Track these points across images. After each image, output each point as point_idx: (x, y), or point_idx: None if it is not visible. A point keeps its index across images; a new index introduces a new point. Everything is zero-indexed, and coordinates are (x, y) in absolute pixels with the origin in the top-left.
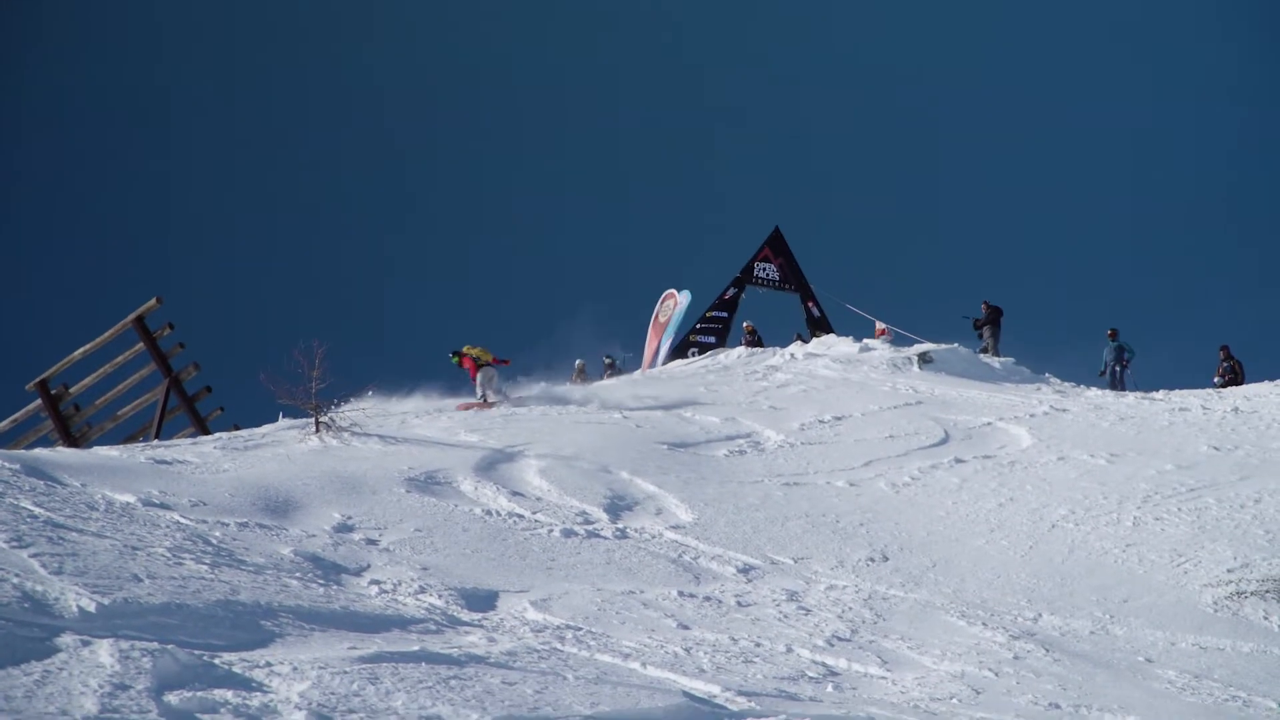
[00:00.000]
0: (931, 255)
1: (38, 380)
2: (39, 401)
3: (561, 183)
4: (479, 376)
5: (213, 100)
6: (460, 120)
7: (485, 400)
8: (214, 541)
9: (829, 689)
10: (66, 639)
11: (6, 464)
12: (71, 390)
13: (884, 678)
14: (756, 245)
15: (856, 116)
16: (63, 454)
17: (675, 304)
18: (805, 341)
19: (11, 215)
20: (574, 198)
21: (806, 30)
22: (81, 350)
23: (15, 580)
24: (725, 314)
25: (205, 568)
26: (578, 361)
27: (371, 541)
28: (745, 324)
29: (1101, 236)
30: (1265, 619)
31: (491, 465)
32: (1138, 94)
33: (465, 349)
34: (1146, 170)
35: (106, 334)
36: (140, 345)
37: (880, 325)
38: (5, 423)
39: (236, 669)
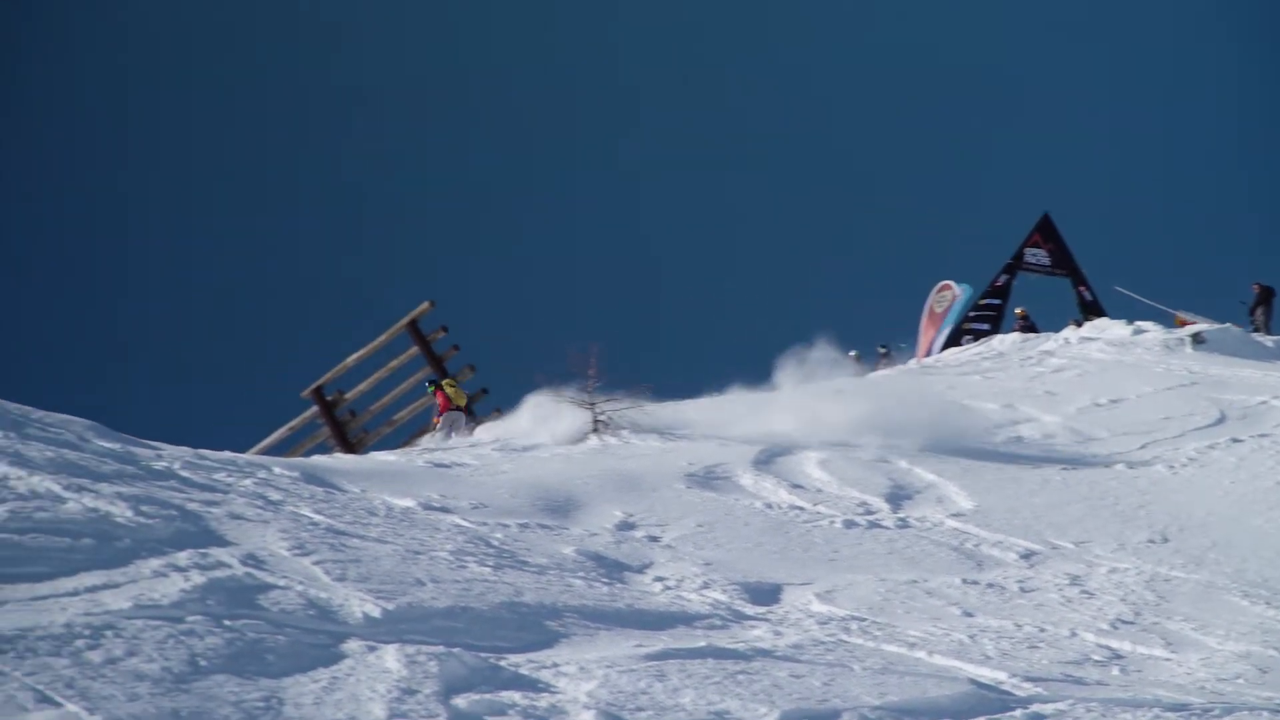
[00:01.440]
0: (1194, 238)
1: (313, 387)
2: (315, 409)
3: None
4: (446, 417)
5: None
6: None
7: (446, 435)
8: (496, 543)
9: (1114, 672)
10: (352, 645)
11: (285, 472)
12: (347, 396)
13: (1169, 659)
14: (1022, 234)
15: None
16: (341, 460)
17: (953, 296)
18: (1079, 326)
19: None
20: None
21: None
22: (355, 356)
23: (299, 588)
24: (998, 301)
25: (488, 570)
26: (852, 352)
27: (654, 538)
28: (1018, 310)
29: None
30: None
31: (770, 458)
32: None
33: (445, 384)
34: None
35: (380, 339)
36: (414, 349)
37: (1182, 315)
38: (282, 430)
39: (523, 670)
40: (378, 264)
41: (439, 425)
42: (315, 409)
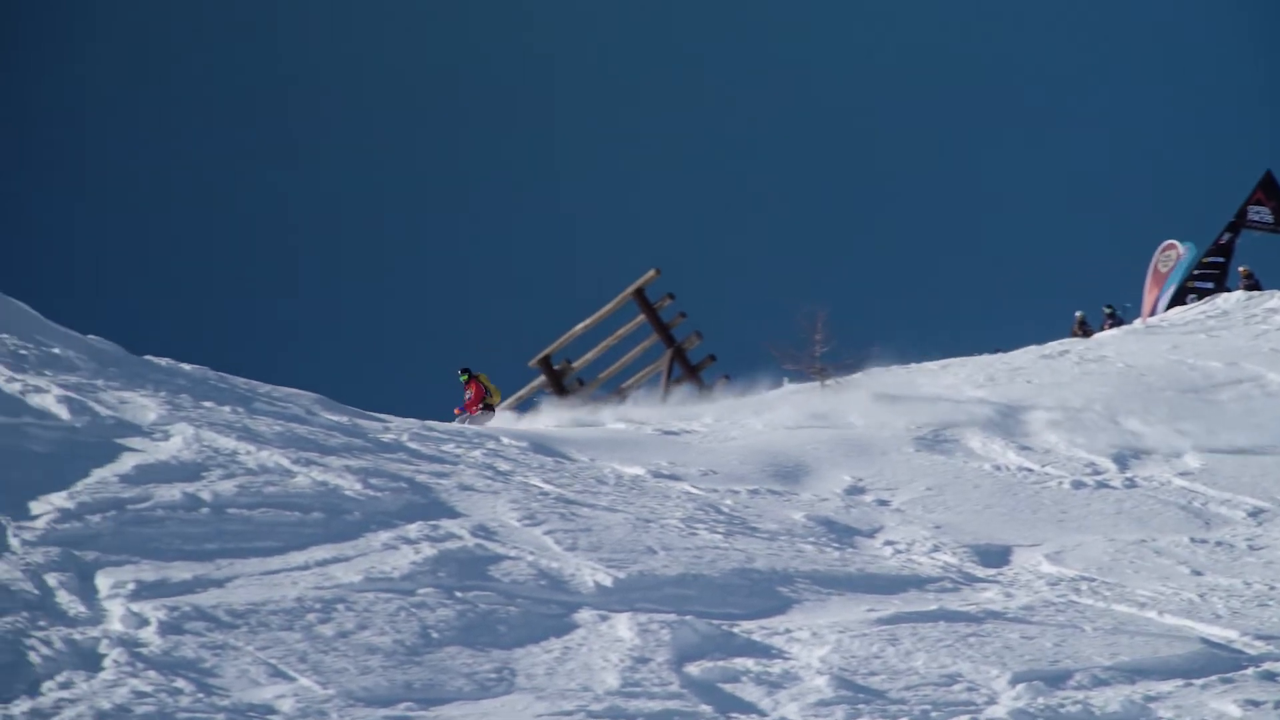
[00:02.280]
0: None
1: (540, 356)
2: (542, 378)
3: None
4: (479, 411)
5: None
6: None
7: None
8: (726, 510)
9: None
10: (584, 614)
11: (515, 442)
12: (574, 365)
13: None
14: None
15: None
16: (569, 430)
17: (1177, 255)
18: None
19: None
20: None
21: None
22: (582, 324)
23: (530, 558)
24: (1221, 259)
25: (719, 537)
26: (1077, 314)
27: (883, 502)
28: (1241, 269)
29: None
30: None
31: (999, 420)
32: None
33: (481, 376)
34: None
35: (607, 307)
36: (641, 317)
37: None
38: (510, 400)
39: (755, 637)
40: (602, 231)
41: (473, 411)
42: (543, 378)
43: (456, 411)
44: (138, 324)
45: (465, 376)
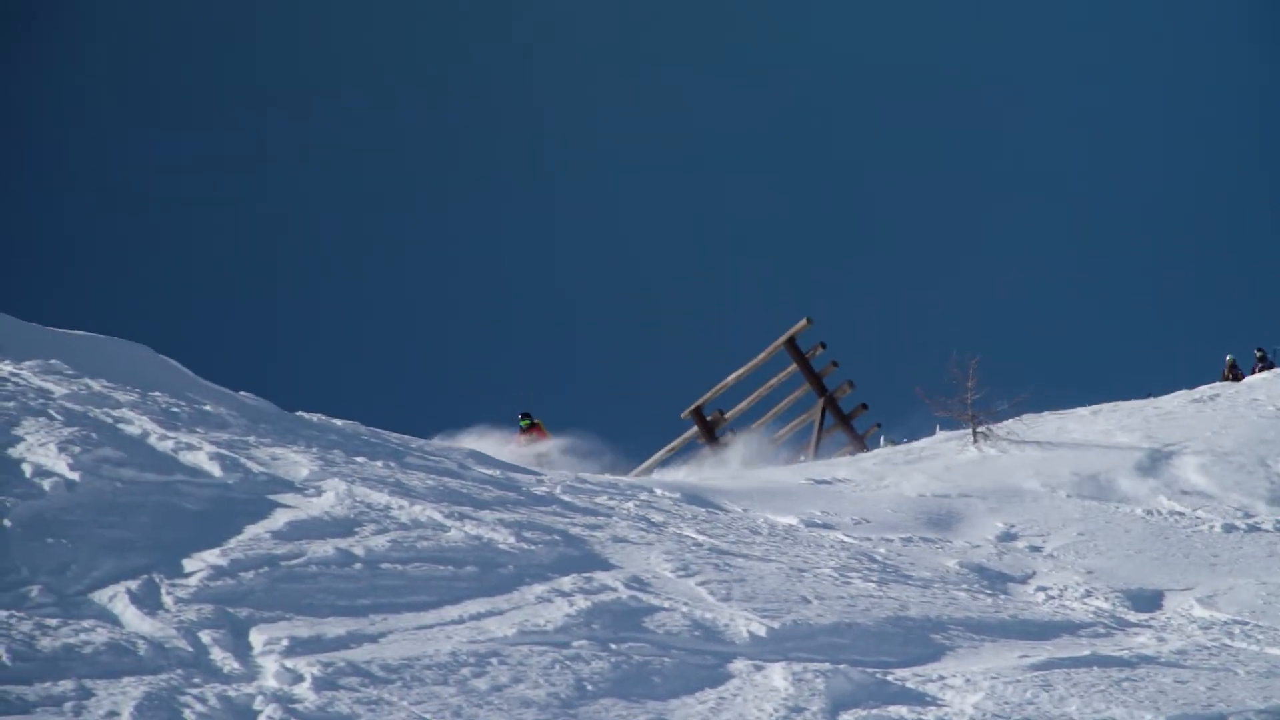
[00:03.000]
0: None
1: (692, 407)
2: (695, 429)
3: None
4: (531, 450)
5: None
6: None
7: (531, 453)
8: (879, 558)
9: None
10: (739, 665)
11: (668, 493)
12: (727, 415)
13: None
14: None
15: None
16: (722, 480)
17: None
18: None
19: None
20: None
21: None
22: (734, 375)
23: (685, 609)
24: None
25: (873, 585)
26: (1228, 357)
27: (1035, 548)
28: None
29: None
30: None
31: (1150, 465)
32: None
33: (540, 423)
34: None
35: (759, 357)
36: (793, 366)
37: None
38: (663, 451)
39: (909, 684)
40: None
41: (527, 448)
42: (695, 429)
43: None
44: (120, 324)
45: (525, 423)
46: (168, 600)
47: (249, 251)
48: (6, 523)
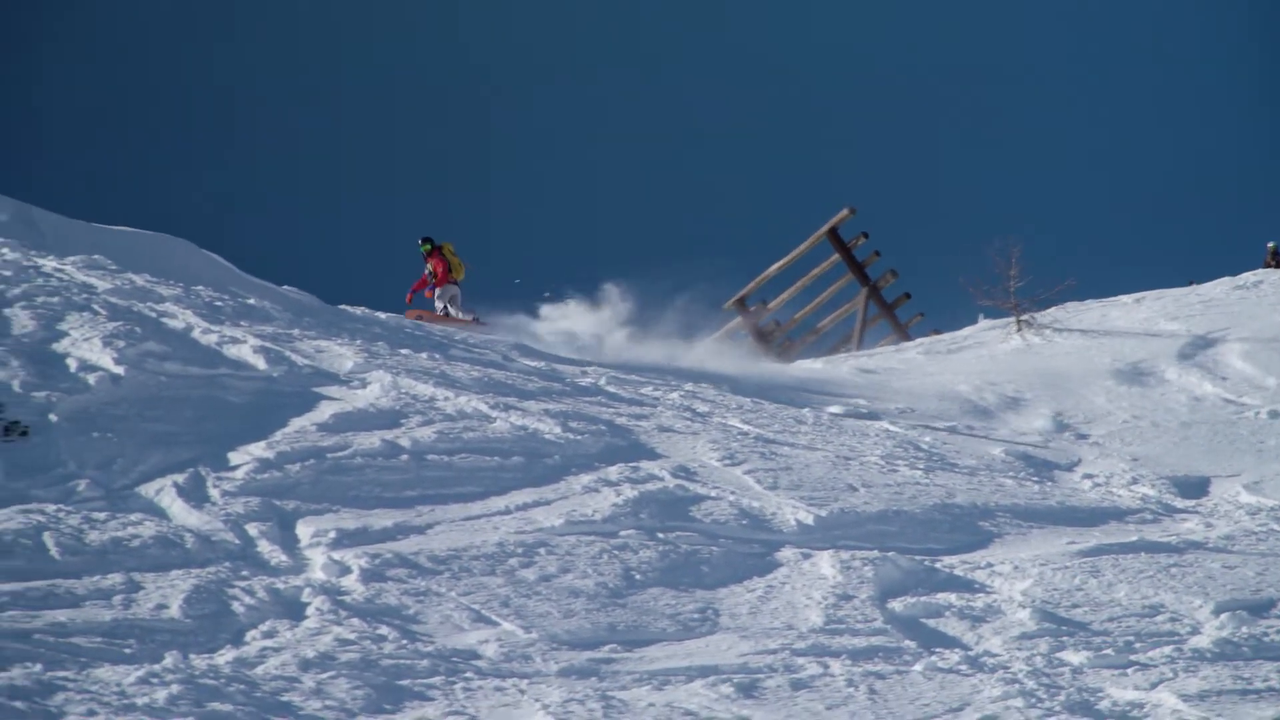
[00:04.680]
0: None
1: (735, 298)
2: (738, 319)
3: None
4: (442, 290)
5: None
6: None
7: (449, 315)
8: (925, 446)
9: None
10: (786, 553)
11: (712, 385)
12: (770, 306)
13: None
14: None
15: None
16: (767, 369)
17: None
18: None
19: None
20: None
21: None
22: (776, 265)
23: (731, 498)
24: None
25: (919, 473)
26: (1270, 244)
27: (1081, 436)
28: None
29: None
30: None
31: (1193, 352)
32: None
33: (446, 246)
34: None
35: (800, 248)
36: (835, 256)
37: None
38: (706, 342)
39: (958, 571)
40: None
41: (438, 295)
42: (738, 320)
43: (428, 294)
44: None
45: (427, 247)
46: (214, 493)
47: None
48: (53, 417)
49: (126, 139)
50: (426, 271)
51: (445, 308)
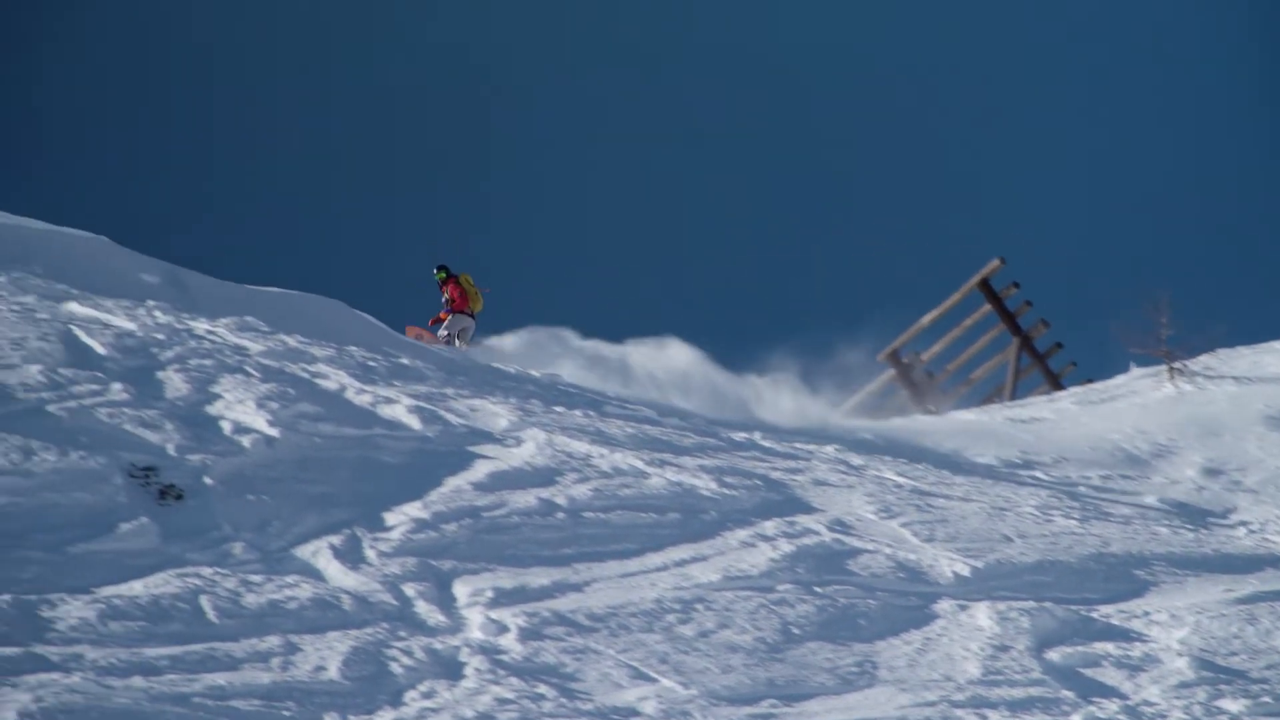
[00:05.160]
0: None
1: (888, 351)
2: (891, 372)
3: None
4: (455, 319)
5: None
6: None
7: (446, 339)
8: (1079, 496)
9: None
10: (943, 605)
11: (868, 436)
12: (923, 357)
13: None
14: None
15: None
16: (921, 422)
17: None
18: None
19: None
20: None
21: None
22: (929, 317)
23: (888, 550)
24: None
25: (1074, 523)
26: None
27: (1235, 484)
28: None
29: None
30: None
31: None
32: None
33: (462, 276)
34: None
35: (952, 298)
36: (987, 307)
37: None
38: (860, 395)
39: (1114, 621)
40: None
41: (447, 324)
42: (892, 372)
43: (431, 323)
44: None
45: (442, 275)
46: (370, 554)
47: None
48: (208, 480)
49: (109, 140)
50: (444, 300)
51: (452, 338)
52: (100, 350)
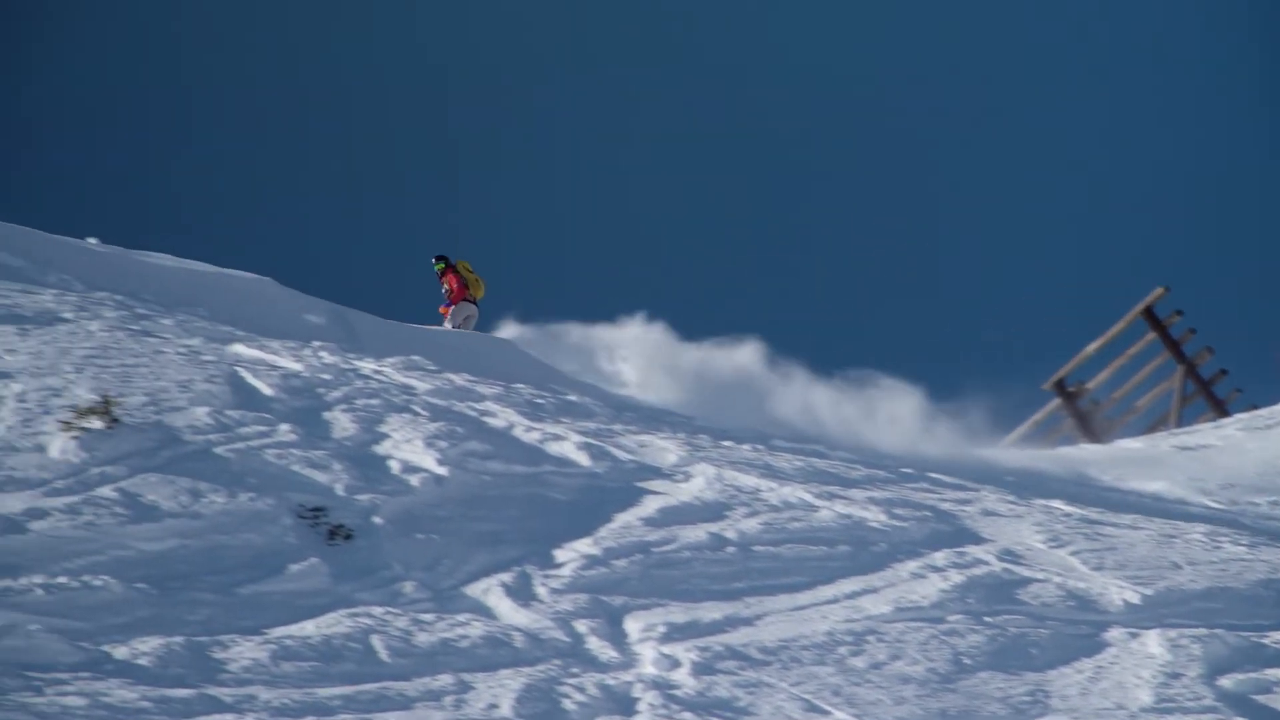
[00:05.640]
0: None
1: (1054, 380)
2: (1057, 401)
3: None
4: (458, 308)
5: None
6: None
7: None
8: (1247, 523)
9: None
10: (1114, 633)
11: (1050, 465)
12: (1088, 386)
13: None
14: None
15: None
16: (1088, 450)
17: None
18: None
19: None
20: None
21: None
22: (1093, 346)
23: (1058, 580)
24: None
25: (1243, 549)
26: None
27: None
28: None
29: None
30: None
31: None
32: None
33: (460, 264)
34: None
35: (1116, 327)
36: (1151, 335)
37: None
38: (1026, 425)
39: None
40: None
41: (452, 314)
42: (1058, 401)
43: (444, 311)
44: None
45: (440, 266)
46: (541, 591)
47: None
48: (377, 520)
49: (94, 139)
50: (444, 291)
51: (458, 328)
52: (267, 391)
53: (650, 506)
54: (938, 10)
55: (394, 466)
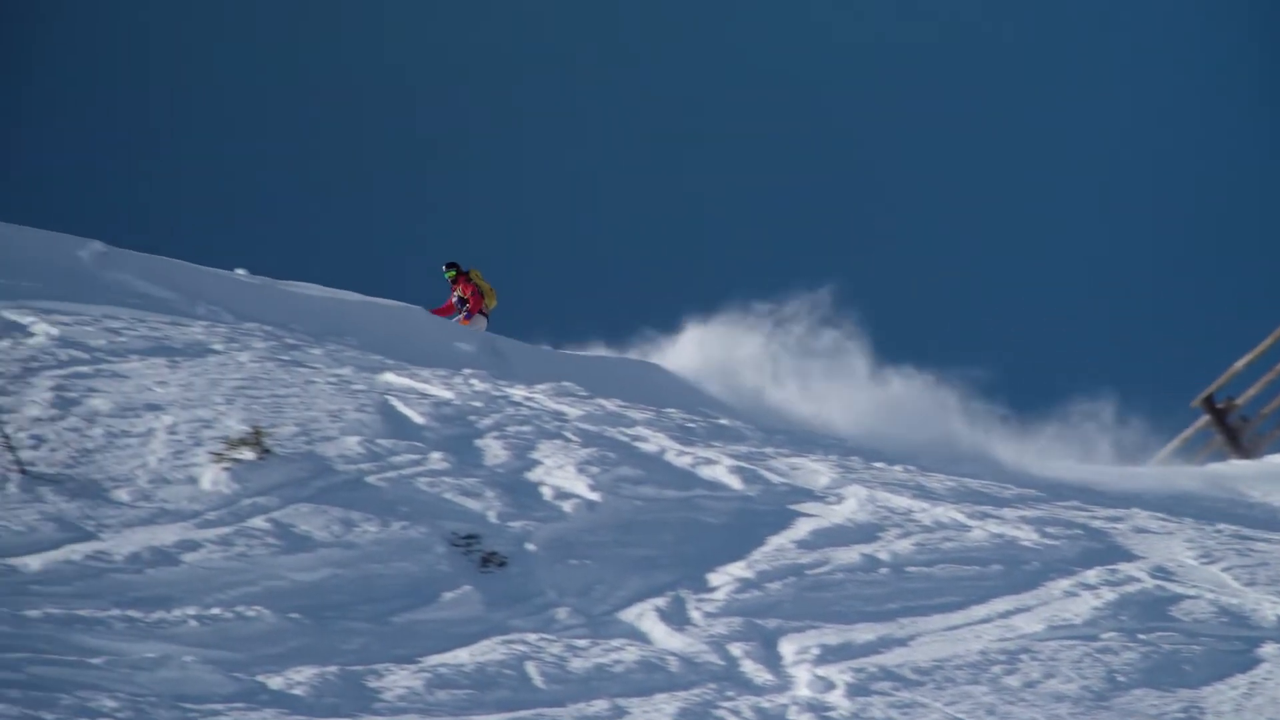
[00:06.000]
0: None
1: (1202, 396)
2: (1206, 417)
3: None
4: (474, 320)
5: None
6: None
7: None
8: None
9: None
10: (1268, 648)
11: (1186, 482)
12: (1237, 402)
13: None
14: None
15: None
16: (1238, 467)
17: None
18: None
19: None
20: None
21: None
22: (1243, 361)
23: (1210, 596)
24: None
25: None
26: None
27: None
28: None
29: None
30: None
31: None
32: None
33: (473, 272)
34: None
35: (1266, 341)
36: None
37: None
38: (1175, 442)
39: None
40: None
41: (463, 316)
42: (1206, 418)
43: (463, 321)
44: None
45: (452, 274)
46: (695, 615)
47: None
48: (530, 547)
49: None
50: (454, 299)
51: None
52: (418, 420)
53: (803, 529)
54: (938, 10)
55: (546, 493)
